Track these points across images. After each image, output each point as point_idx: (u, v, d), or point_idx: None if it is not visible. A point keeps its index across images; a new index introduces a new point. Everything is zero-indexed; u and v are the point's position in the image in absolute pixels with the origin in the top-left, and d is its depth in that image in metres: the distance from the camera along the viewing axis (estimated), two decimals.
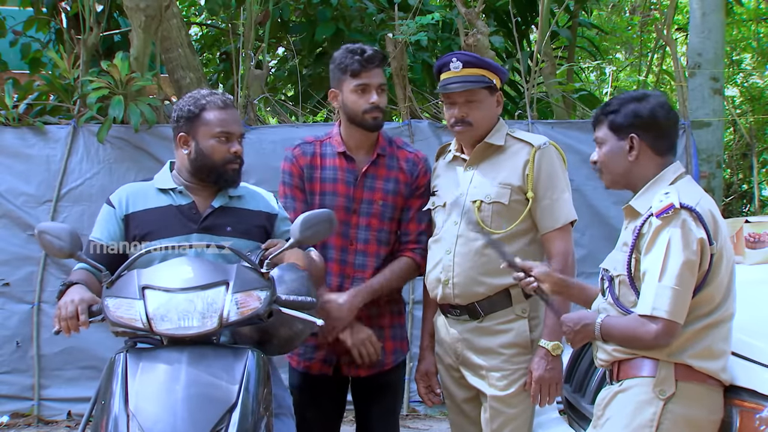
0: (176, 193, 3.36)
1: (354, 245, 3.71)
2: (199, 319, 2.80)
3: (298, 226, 3.12)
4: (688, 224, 2.78)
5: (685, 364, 2.78)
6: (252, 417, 2.73)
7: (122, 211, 3.34)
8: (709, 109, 7.80)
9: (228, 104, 3.37)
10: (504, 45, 8.25)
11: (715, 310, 2.81)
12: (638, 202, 2.96)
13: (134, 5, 6.41)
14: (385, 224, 3.74)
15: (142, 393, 2.70)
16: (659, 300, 2.74)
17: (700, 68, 7.88)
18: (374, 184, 3.73)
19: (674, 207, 2.79)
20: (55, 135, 6.39)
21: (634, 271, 2.87)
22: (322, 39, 7.96)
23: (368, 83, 3.68)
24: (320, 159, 3.74)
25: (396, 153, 3.80)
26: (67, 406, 6.18)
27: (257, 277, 2.97)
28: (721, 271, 2.82)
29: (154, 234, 3.27)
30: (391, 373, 3.85)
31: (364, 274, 3.70)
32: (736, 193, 10.42)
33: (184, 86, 7.07)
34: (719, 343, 2.81)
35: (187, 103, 3.37)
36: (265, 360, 2.92)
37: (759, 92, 13.73)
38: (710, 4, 8.05)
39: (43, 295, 6.21)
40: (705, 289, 2.80)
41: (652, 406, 2.77)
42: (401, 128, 6.54)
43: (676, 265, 2.74)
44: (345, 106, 3.70)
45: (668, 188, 2.88)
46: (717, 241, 2.81)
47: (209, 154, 3.31)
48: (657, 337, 2.75)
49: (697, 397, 2.78)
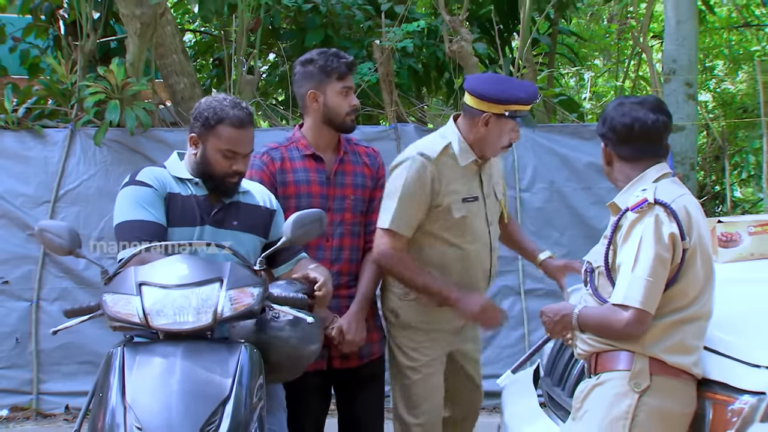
0: (192, 184, 3.33)
1: (330, 241, 3.73)
2: (194, 314, 2.80)
3: (290, 226, 3.12)
4: (661, 218, 2.81)
5: (658, 359, 2.80)
6: (245, 409, 2.72)
7: (164, 190, 3.26)
8: (684, 113, 7.83)
9: (246, 124, 3.27)
10: (487, 51, 8.26)
11: (689, 305, 2.83)
12: (621, 199, 3.00)
13: (130, 13, 6.40)
14: (357, 217, 3.80)
15: (139, 386, 2.70)
16: (631, 290, 2.77)
17: (674, 74, 7.92)
18: (344, 181, 3.78)
19: (648, 202, 2.83)
20: (53, 138, 6.37)
21: (611, 263, 2.90)
22: (311, 45, 7.96)
23: (351, 86, 3.75)
24: (289, 163, 3.74)
25: (356, 149, 3.88)
26: (65, 399, 6.15)
27: (250, 274, 2.98)
28: (696, 267, 2.84)
29: (175, 221, 3.24)
30: (378, 363, 3.90)
31: (340, 267, 3.75)
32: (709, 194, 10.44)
33: (178, 91, 7.07)
34: (692, 339, 2.83)
35: (207, 109, 3.28)
36: (257, 354, 2.92)
37: (731, 98, 13.77)
38: (684, 13, 8.08)
39: (42, 292, 6.19)
40: (678, 283, 2.82)
41: (627, 399, 2.79)
42: (388, 131, 6.54)
43: (648, 257, 2.77)
44: (327, 108, 3.71)
45: (647, 186, 2.91)
46: (690, 237, 2.83)
47: (212, 164, 3.28)
48: (628, 325, 2.77)
49: (670, 390, 2.79)
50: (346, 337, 3.66)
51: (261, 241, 3.37)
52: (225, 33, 8.02)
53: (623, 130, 3.02)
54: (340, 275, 3.74)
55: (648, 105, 3.05)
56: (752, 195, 11.19)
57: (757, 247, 3.99)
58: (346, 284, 3.77)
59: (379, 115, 7.34)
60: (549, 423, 3.39)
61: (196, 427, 2.61)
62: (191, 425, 2.61)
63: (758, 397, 2.65)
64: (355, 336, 3.68)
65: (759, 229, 4.00)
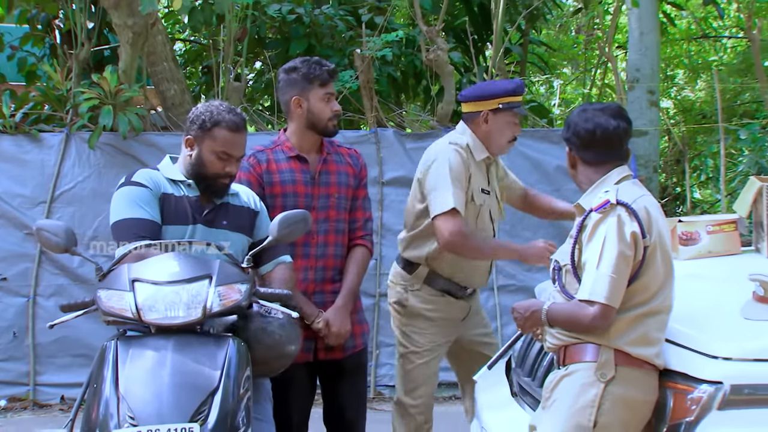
0: (185, 186, 3.31)
1: (315, 238, 3.72)
2: (184, 309, 2.79)
3: (276, 226, 3.13)
4: (623, 218, 2.83)
5: (623, 351, 2.81)
6: (232, 400, 2.72)
7: (159, 190, 3.25)
8: (647, 119, 7.88)
9: (240, 128, 3.28)
10: (462, 60, 8.28)
11: (651, 300, 2.85)
12: (585, 200, 3.02)
13: (122, 23, 6.38)
14: (341, 214, 3.79)
15: (132, 377, 2.69)
16: (596, 286, 2.79)
17: (638, 82, 7.96)
18: (328, 180, 3.77)
19: (610, 202, 2.85)
20: (49, 142, 6.36)
21: (577, 261, 2.91)
22: (295, 54, 7.95)
23: (332, 93, 3.76)
24: (275, 164, 3.73)
25: (339, 150, 3.89)
26: (60, 390, 6.14)
27: (238, 272, 2.98)
28: (656, 264, 2.86)
29: (168, 220, 3.22)
30: (361, 355, 3.90)
31: (325, 263, 3.75)
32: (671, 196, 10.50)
33: (169, 97, 7.05)
34: (654, 332, 2.84)
35: (204, 113, 3.28)
36: (245, 347, 2.92)
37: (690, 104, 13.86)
38: (647, 25, 8.13)
39: (38, 289, 6.19)
40: (640, 279, 2.84)
41: (594, 388, 2.80)
42: (368, 136, 6.54)
43: (612, 255, 2.79)
44: (311, 113, 3.72)
45: (610, 187, 2.93)
46: (650, 235, 2.85)
47: (206, 165, 3.26)
48: (594, 320, 2.79)
49: (634, 380, 2.80)
50: (331, 330, 3.67)
51: (248, 240, 3.37)
52: (213, 42, 7.99)
53: (586, 136, 3.04)
54: (325, 270, 3.75)
55: (609, 111, 3.06)
56: (710, 196, 11.26)
57: (715, 245, 4.01)
58: (330, 279, 3.77)
59: (360, 120, 7.34)
60: (520, 411, 3.40)
61: (186, 416, 2.60)
62: (181, 415, 2.60)
63: (716, 386, 2.67)
64: (340, 328, 3.69)
65: (716, 229, 4.02)
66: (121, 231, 3.16)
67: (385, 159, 6.48)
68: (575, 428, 2.80)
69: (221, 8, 6.89)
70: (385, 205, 6.44)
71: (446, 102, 6.92)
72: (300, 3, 7.81)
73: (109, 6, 6.38)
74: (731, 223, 4.05)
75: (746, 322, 2.91)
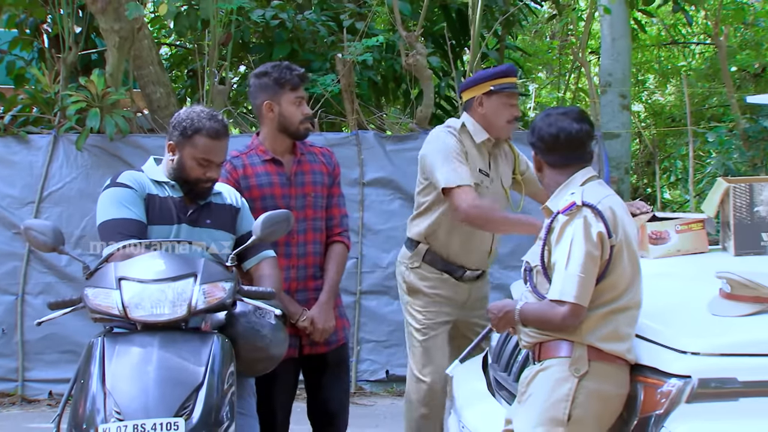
0: (169, 187, 3.30)
1: (295, 238, 3.72)
2: (169, 307, 2.79)
3: (260, 225, 3.12)
4: (589, 219, 2.84)
5: (595, 347, 2.82)
6: (217, 395, 2.72)
7: (143, 191, 3.23)
8: (619, 122, 7.93)
9: (221, 135, 3.25)
10: (440, 65, 8.27)
11: (620, 297, 2.86)
12: (552, 203, 3.02)
13: (109, 27, 6.36)
14: (318, 213, 3.79)
15: (118, 373, 2.69)
16: (566, 286, 2.79)
17: (610, 87, 8.01)
18: (304, 180, 3.77)
19: (576, 204, 2.86)
20: (38, 143, 6.31)
21: (547, 262, 2.92)
22: (278, 58, 7.92)
23: (303, 96, 3.74)
24: (251, 168, 3.72)
25: (312, 150, 3.87)
26: (48, 386, 6.11)
27: (222, 270, 2.97)
28: (623, 262, 2.87)
29: (153, 220, 3.22)
30: (342, 349, 3.90)
31: (306, 261, 3.75)
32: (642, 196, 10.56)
33: (155, 100, 7.01)
34: (625, 328, 2.85)
35: (186, 119, 3.26)
36: (229, 344, 2.91)
37: (660, 108, 13.96)
38: (619, 31, 8.18)
39: (27, 287, 6.15)
40: (608, 277, 2.85)
41: (568, 383, 2.81)
42: (349, 138, 6.54)
43: (580, 255, 2.80)
44: (282, 117, 3.71)
45: (575, 189, 2.94)
46: (616, 234, 2.86)
47: (187, 170, 3.25)
48: (564, 319, 2.80)
49: (607, 374, 2.81)
50: (317, 326, 3.67)
51: (231, 237, 3.36)
52: (198, 46, 7.97)
53: (550, 139, 3.05)
54: (306, 268, 3.75)
55: (572, 115, 3.07)
56: (680, 197, 11.32)
57: (684, 244, 4.03)
58: (312, 276, 3.77)
59: (341, 122, 7.33)
60: (496, 405, 3.41)
61: (172, 411, 2.60)
62: (167, 409, 2.60)
63: (684, 380, 2.68)
64: (325, 324, 3.69)
65: (685, 228, 4.05)
66: (108, 231, 3.14)
67: (366, 160, 6.47)
68: (550, 421, 2.80)
69: (206, 13, 6.87)
70: (366, 205, 6.44)
71: (425, 105, 6.93)
72: (283, 9, 7.79)
73: (96, 11, 6.35)
74: (699, 222, 4.07)
75: (714, 318, 2.92)
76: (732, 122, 7.84)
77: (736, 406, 2.65)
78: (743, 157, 7.37)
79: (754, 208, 3.96)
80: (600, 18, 8.77)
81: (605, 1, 7.53)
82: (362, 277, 6.36)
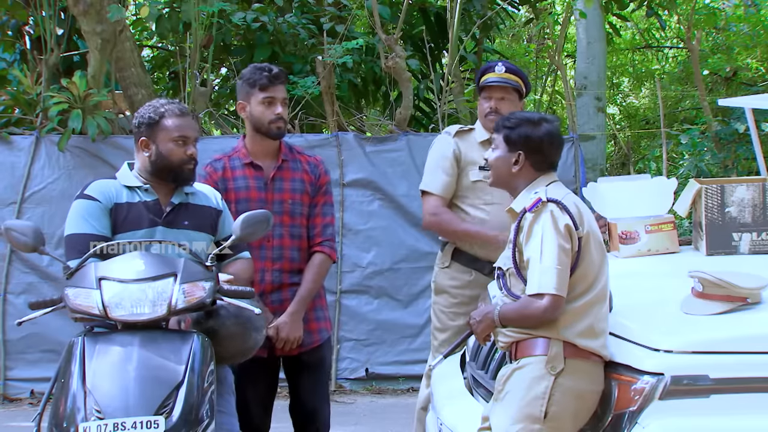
0: (142, 191, 3.28)
1: (270, 242, 3.70)
2: (150, 306, 2.78)
3: (239, 225, 3.10)
4: (555, 214, 2.87)
5: (571, 343, 2.83)
6: (197, 393, 2.71)
7: (109, 202, 3.22)
8: (594, 124, 7.97)
9: (184, 112, 3.31)
10: (419, 67, 8.28)
11: (591, 288, 2.88)
12: (516, 204, 3.05)
13: (91, 29, 6.32)
14: (296, 220, 3.76)
15: (98, 372, 2.67)
16: (543, 279, 2.81)
17: (586, 89, 8.05)
18: (282, 186, 3.74)
19: (542, 200, 2.90)
20: (20, 144, 6.26)
21: (519, 262, 2.93)
22: (259, 60, 7.89)
23: (274, 96, 3.70)
24: (230, 171, 3.72)
25: (298, 158, 3.84)
26: (30, 385, 6.07)
27: (202, 270, 2.96)
28: (591, 252, 2.90)
29: (127, 226, 3.21)
30: (319, 350, 3.86)
31: (281, 265, 3.73)
32: None
33: (137, 101, 6.96)
34: (599, 323, 2.88)
35: (147, 111, 3.29)
36: (208, 342, 2.90)
37: (635, 110, 14.04)
38: (594, 35, 8.23)
39: (8, 286, 6.10)
40: (578, 268, 2.88)
41: (544, 381, 2.82)
42: (330, 139, 6.53)
43: (552, 248, 2.82)
44: (252, 117, 3.70)
45: (539, 189, 2.98)
46: (582, 226, 2.90)
47: (168, 156, 3.24)
48: (545, 311, 2.81)
49: (582, 371, 2.83)
50: (280, 336, 3.66)
51: (211, 239, 3.34)
52: (180, 48, 7.93)
53: (548, 148, 3.07)
54: (281, 273, 3.73)
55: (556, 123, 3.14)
56: None
57: (654, 243, 4.06)
58: (288, 280, 3.75)
59: (321, 124, 7.32)
60: (473, 402, 3.41)
61: (152, 409, 2.59)
62: (147, 408, 2.59)
63: (657, 377, 2.70)
64: (289, 335, 3.67)
65: (655, 228, 4.07)
66: (68, 246, 3.17)
67: (346, 162, 6.47)
68: (527, 418, 2.81)
69: (188, 16, 6.85)
70: (346, 206, 6.43)
71: (404, 107, 6.93)
72: (264, 12, 7.77)
73: (78, 13, 6.30)
74: (669, 222, 4.10)
75: (686, 316, 2.94)
76: (704, 125, 7.89)
77: (708, 402, 2.68)
78: (715, 158, 7.43)
79: (725, 208, 3.98)
80: (576, 22, 8.81)
81: (581, 6, 7.56)
82: (342, 277, 6.36)
